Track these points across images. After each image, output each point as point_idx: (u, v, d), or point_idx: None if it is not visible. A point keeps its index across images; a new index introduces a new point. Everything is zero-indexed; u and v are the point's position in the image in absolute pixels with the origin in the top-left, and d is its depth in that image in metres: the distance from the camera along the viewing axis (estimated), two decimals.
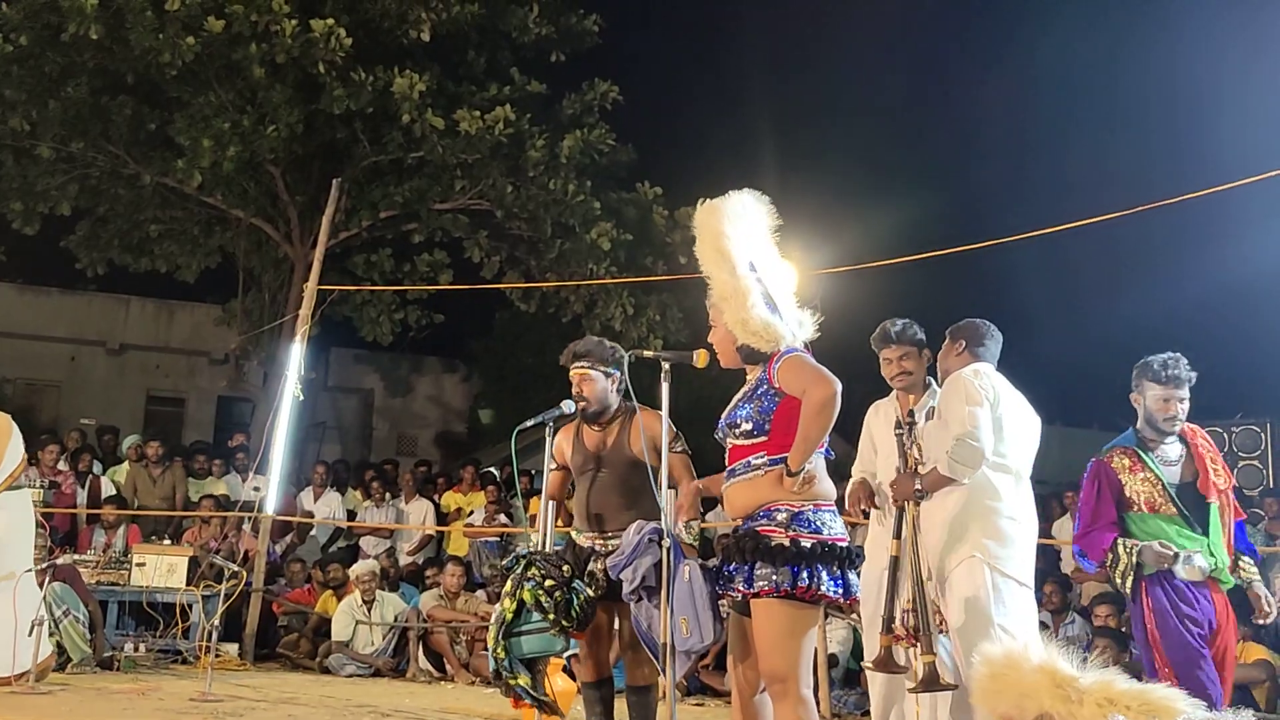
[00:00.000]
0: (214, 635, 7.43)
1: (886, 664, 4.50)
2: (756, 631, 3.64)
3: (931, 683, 4.32)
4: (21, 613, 6.97)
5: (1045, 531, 7.79)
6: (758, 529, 3.67)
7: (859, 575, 3.76)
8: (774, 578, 3.56)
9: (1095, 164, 18.48)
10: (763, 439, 3.76)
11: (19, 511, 7.29)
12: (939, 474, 4.39)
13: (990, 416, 4.42)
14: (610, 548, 4.70)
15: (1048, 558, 9.40)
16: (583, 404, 4.91)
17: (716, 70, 22.94)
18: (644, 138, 15.79)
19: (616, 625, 4.84)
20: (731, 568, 3.71)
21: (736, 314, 3.83)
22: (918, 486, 4.45)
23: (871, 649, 4.81)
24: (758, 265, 3.91)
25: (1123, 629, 7.93)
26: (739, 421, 3.80)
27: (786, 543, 3.60)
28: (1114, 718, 2.74)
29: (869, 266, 9.04)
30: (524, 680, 4.43)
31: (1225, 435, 11.71)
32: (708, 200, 3.99)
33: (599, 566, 4.68)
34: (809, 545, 3.60)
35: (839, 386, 3.66)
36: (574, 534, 4.98)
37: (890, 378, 5.00)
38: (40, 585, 7.48)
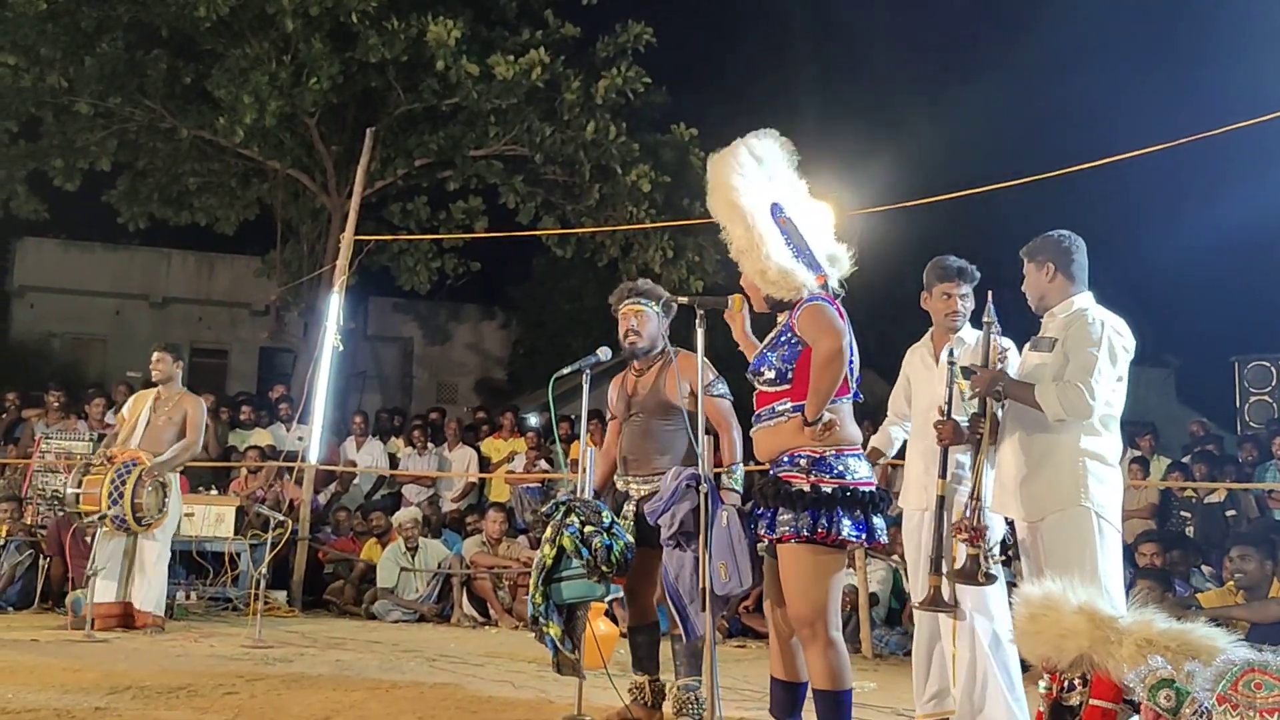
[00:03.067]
0: (262, 583, 7.56)
1: (934, 603, 4.49)
2: (783, 576, 3.67)
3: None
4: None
5: None
6: (780, 474, 3.69)
7: (885, 518, 3.75)
8: (794, 523, 3.59)
9: (1137, 95, 18.12)
10: (786, 386, 3.77)
11: None
12: (1033, 396, 4.13)
13: (1113, 374, 4.20)
14: (641, 491, 4.75)
15: None
16: (634, 339, 4.90)
17: (750, 7, 22.59)
18: (678, 79, 15.67)
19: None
20: (759, 512, 3.73)
21: (754, 265, 3.84)
22: (999, 387, 4.23)
23: (917, 589, 4.81)
24: (784, 206, 3.88)
25: (1166, 569, 7.88)
26: (762, 369, 3.82)
27: (807, 488, 3.62)
28: (1153, 658, 2.72)
29: (906, 205, 8.93)
30: (555, 630, 4.46)
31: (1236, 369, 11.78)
32: (717, 152, 3.95)
33: (630, 509, 4.72)
34: (829, 490, 3.62)
35: (844, 341, 3.67)
36: (615, 479, 5.02)
37: (945, 313, 4.85)
38: (91, 537, 7.66)
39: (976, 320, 4.94)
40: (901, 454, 5.11)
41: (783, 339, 3.80)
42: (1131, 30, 19.08)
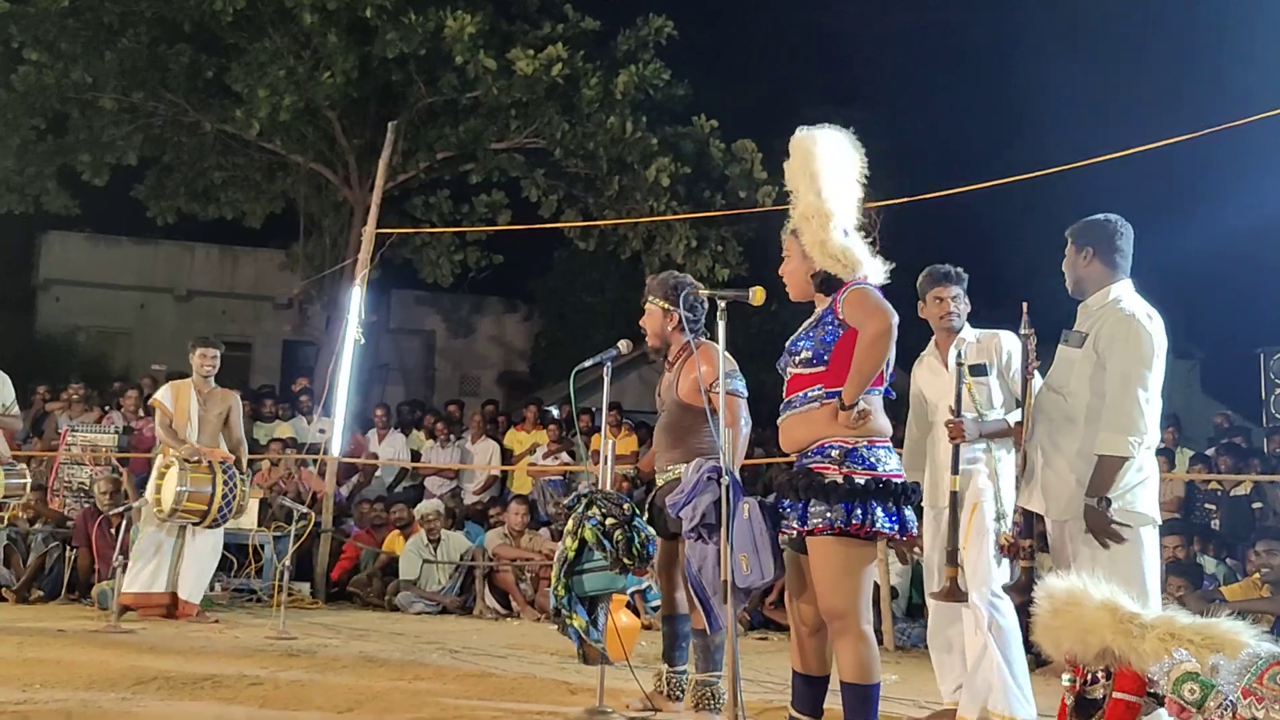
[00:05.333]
0: (286, 575, 7.61)
1: (950, 594, 4.53)
2: (814, 569, 3.64)
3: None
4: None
5: None
6: (811, 466, 3.65)
7: (915, 511, 3.74)
8: (828, 515, 3.54)
9: (1162, 85, 17.97)
10: (821, 369, 3.70)
11: None
12: (1116, 469, 3.92)
13: (1157, 379, 4.02)
14: (659, 482, 4.85)
15: None
16: (647, 338, 5.01)
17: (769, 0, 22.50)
18: (699, 71, 15.60)
19: None
20: (786, 505, 3.69)
21: (816, 235, 3.77)
22: (1101, 516, 3.92)
23: (932, 582, 4.87)
24: (842, 200, 3.88)
25: (1196, 560, 7.85)
26: (800, 349, 3.76)
27: (840, 480, 3.56)
28: (1177, 651, 2.71)
29: (925, 199, 8.88)
30: (578, 622, 4.48)
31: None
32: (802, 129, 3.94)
33: (648, 501, 4.76)
34: (863, 482, 3.56)
35: (895, 320, 3.59)
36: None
37: (938, 317, 4.94)
38: (116, 529, 7.73)
39: (974, 320, 5.03)
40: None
41: (825, 320, 3.74)
42: (1157, 19, 18.92)
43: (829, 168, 3.82)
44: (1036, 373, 4.37)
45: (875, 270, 3.86)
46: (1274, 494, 9.50)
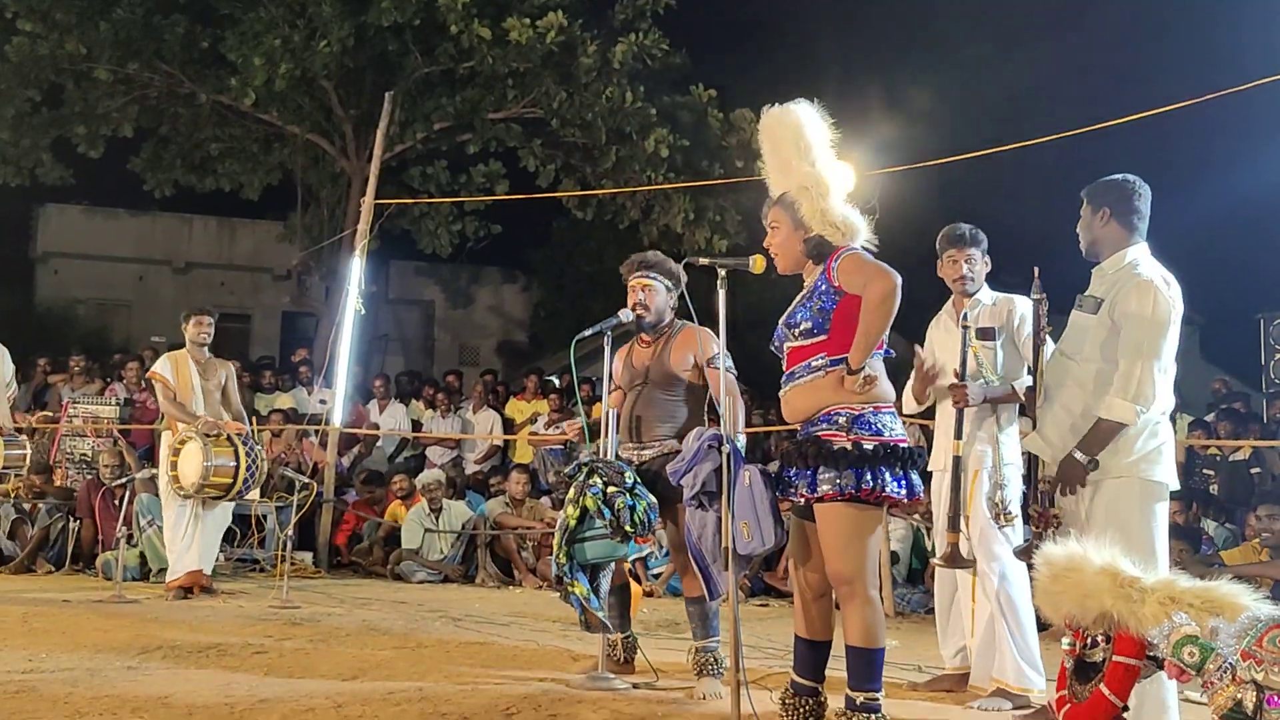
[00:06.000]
0: (288, 545, 7.64)
1: (953, 560, 4.55)
2: (821, 535, 3.65)
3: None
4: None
5: None
6: (819, 434, 3.66)
7: (921, 475, 3.75)
8: (838, 481, 3.56)
9: (1163, 50, 17.86)
10: (822, 338, 3.71)
11: None
12: (1114, 431, 3.91)
13: (1172, 346, 3.99)
14: (641, 456, 4.82)
15: None
16: (642, 312, 4.94)
17: None
18: (697, 40, 15.49)
19: None
20: (793, 473, 3.71)
21: (815, 203, 3.77)
22: (1083, 466, 3.93)
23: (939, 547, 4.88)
24: (837, 169, 3.89)
25: (1193, 525, 7.89)
26: (799, 321, 3.76)
27: (849, 446, 3.58)
28: (1177, 615, 2.72)
29: (924, 165, 8.87)
30: (580, 590, 4.51)
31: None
32: (773, 106, 3.93)
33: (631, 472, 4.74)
34: (871, 448, 3.58)
35: (899, 280, 3.60)
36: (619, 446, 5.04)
37: (953, 279, 4.92)
38: (120, 500, 7.75)
39: (993, 281, 4.99)
40: (930, 413, 5.12)
41: (819, 289, 3.74)
42: None
43: (820, 138, 3.84)
44: (1049, 339, 4.28)
45: (868, 237, 3.87)
46: (1273, 458, 9.53)
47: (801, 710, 3.80)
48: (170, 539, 7.57)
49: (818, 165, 3.81)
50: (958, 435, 4.58)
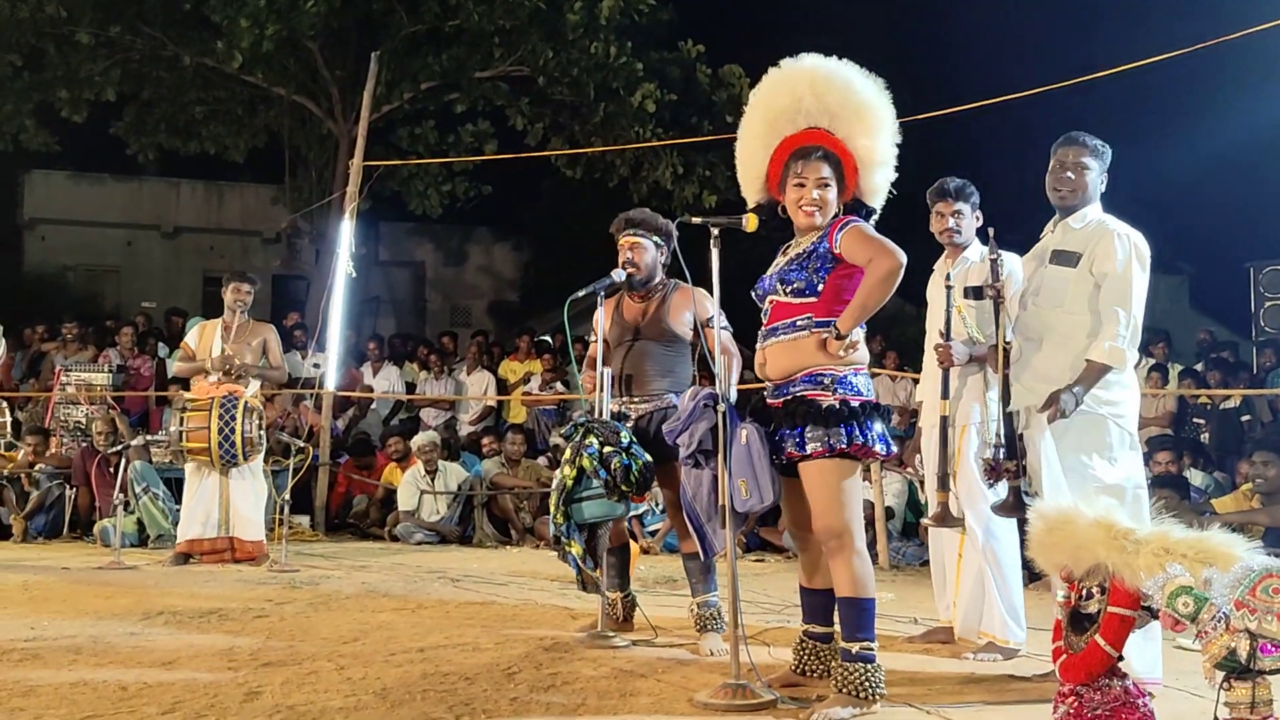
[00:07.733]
0: (285, 508, 7.66)
1: (943, 519, 4.62)
2: (810, 492, 3.69)
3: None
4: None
5: None
6: (805, 394, 3.71)
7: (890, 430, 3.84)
8: (828, 439, 3.62)
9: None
10: (812, 299, 3.74)
11: None
12: (1103, 370, 4.03)
13: (1144, 294, 4.14)
14: (639, 410, 4.83)
15: None
16: (631, 270, 4.94)
17: None
18: None
19: None
20: (783, 432, 3.74)
21: (878, 184, 3.91)
22: (1074, 394, 4.01)
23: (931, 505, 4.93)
24: None
25: (1183, 475, 7.93)
26: (792, 280, 3.78)
27: (837, 404, 3.66)
28: (1171, 565, 2.75)
29: (919, 119, 8.81)
30: (577, 549, 4.54)
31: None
32: (783, 62, 3.93)
33: (628, 427, 4.75)
34: (857, 405, 3.68)
35: (904, 260, 3.65)
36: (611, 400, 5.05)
37: (939, 232, 4.95)
38: (115, 467, 7.75)
39: (984, 237, 4.97)
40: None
41: (818, 251, 3.76)
42: None
43: (892, 115, 3.89)
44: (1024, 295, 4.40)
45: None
46: (1262, 406, 9.59)
47: (812, 648, 3.93)
48: (183, 504, 7.63)
49: (888, 143, 3.87)
50: (944, 395, 4.65)
